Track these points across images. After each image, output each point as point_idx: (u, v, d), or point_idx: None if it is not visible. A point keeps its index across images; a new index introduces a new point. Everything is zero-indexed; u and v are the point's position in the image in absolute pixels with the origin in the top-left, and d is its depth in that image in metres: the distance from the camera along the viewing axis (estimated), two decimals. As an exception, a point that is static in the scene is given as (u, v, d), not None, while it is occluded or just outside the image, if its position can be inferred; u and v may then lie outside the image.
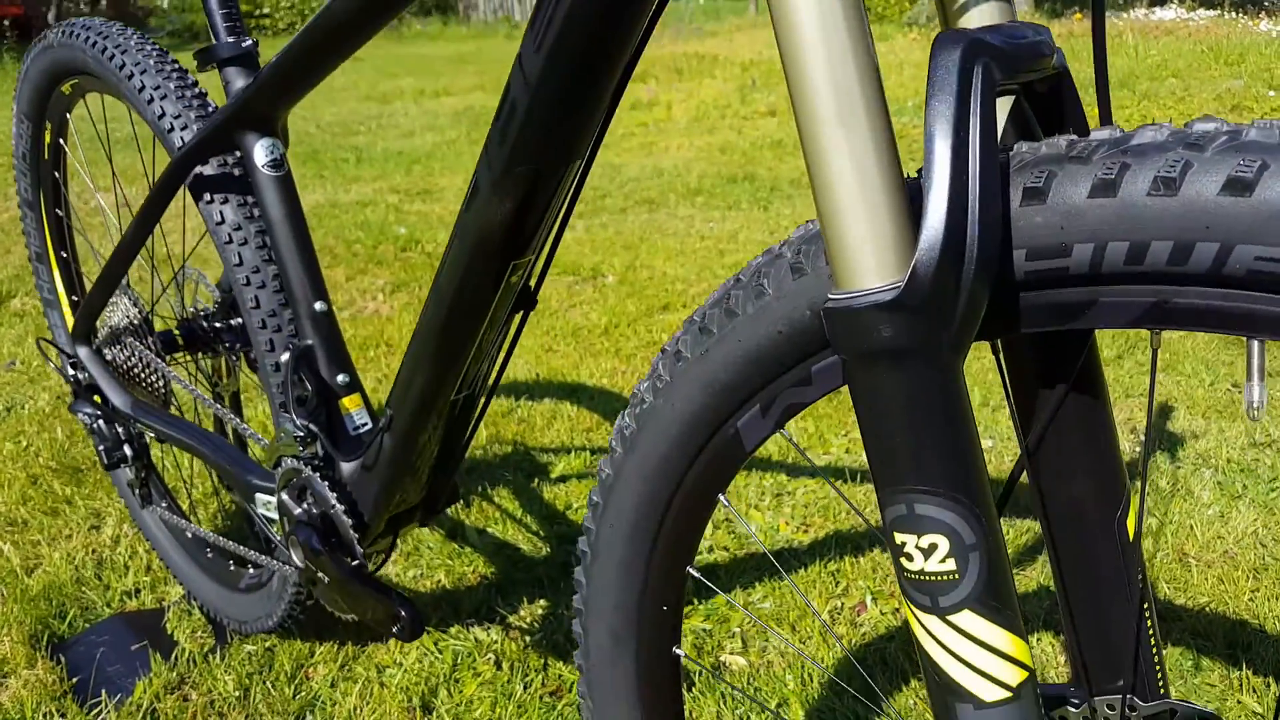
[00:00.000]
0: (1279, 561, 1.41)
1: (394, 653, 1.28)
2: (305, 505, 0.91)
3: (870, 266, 0.39)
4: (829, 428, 1.90)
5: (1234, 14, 7.56)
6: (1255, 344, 0.39)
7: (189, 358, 1.26)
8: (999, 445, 1.82)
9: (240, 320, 1.21)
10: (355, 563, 0.88)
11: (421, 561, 1.50)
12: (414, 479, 0.87)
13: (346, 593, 0.86)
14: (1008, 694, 0.41)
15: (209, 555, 1.35)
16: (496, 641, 1.30)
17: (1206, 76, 5.25)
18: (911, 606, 0.42)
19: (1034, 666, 0.42)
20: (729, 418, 0.56)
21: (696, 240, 3.36)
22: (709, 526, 1.57)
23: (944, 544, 0.40)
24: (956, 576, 0.40)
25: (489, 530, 1.59)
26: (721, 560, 1.48)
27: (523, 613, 1.37)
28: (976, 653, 0.41)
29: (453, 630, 1.32)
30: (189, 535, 1.37)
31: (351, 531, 0.87)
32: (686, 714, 1.18)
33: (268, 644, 1.29)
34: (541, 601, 1.39)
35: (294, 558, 0.92)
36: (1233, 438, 1.81)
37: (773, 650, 1.27)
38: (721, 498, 0.61)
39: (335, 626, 1.33)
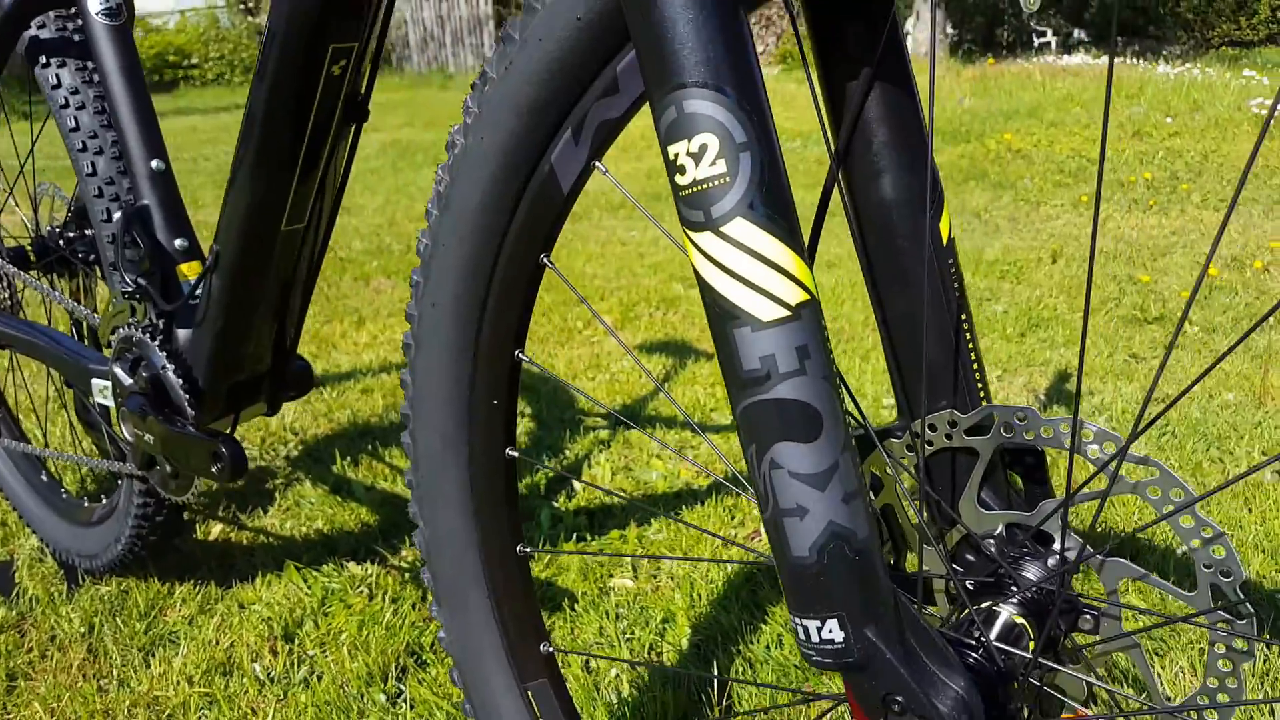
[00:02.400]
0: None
1: (259, 590, 1.20)
2: (138, 375, 0.85)
3: None
4: (737, 393, 1.88)
5: (1135, 60, 8.04)
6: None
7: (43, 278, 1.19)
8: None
9: (94, 230, 1.15)
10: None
11: (300, 513, 1.42)
12: (250, 334, 0.81)
13: (173, 448, 0.79)
14: (787, 313, 0.38)
15: (64, 495, 1.26)
16: (371, 576, 1.22)
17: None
18: (688, 232, 0.39)
19: (817, 294, 0.39)
20: (542, 150, 0.53)
21: (617, 246, 3.36)
22: (608, 472, 1.53)
23: (714, 143, 0.37)
24: (727, 180, 0.38)
25: (377, 486, 1.52)
26: (619, 503, 1.43)
27: (405, 553, 1.30)
28: (752, 266, 0.38)
29: (325, 569, 1.24)
30: (43, 478, 1.28)
31: (183, 393, 0.81)
32: (572, 634, 1.13)
33: (123, 586, 1.20)
34: (426, 543, 1.32)
35: (124, 432, 0.85)
36: (1128, 394, 1.84)
37: (663, 574, 1.22)
38: (545, 260, 0.57)
39: (198, 569, 1.24)
